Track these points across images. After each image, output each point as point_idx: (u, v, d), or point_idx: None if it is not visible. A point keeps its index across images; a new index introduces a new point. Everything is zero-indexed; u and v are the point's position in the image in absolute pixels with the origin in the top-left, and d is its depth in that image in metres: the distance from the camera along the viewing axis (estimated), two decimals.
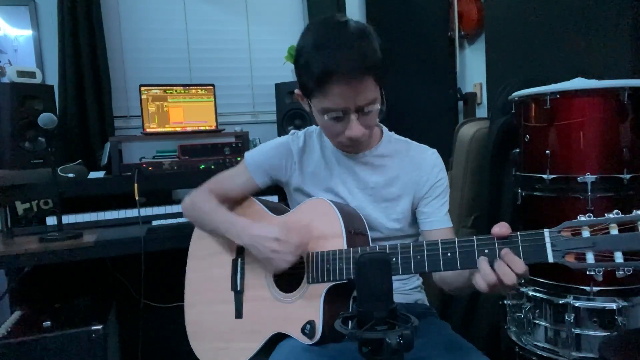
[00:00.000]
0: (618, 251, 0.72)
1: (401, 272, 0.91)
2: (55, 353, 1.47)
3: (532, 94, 1.46)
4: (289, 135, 1.22)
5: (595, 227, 0.74)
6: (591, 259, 0.74)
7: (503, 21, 2.18)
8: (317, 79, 0.94)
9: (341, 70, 0.91)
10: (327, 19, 1.00)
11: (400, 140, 1.19)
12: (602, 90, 1.36)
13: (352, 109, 0.97)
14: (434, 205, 1.12)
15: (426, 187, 1.12)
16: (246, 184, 1.20)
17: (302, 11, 2.71)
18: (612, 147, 1.36)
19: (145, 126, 2.16)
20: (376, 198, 1.14)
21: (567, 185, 1.38)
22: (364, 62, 0.93)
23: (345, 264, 0.97)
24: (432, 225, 1.12)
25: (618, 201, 1.34)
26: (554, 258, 0.76)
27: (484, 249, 0.83)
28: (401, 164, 1.15)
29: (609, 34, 1.64)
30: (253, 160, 1.20)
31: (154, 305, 2.08)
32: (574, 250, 0.75)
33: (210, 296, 1.22)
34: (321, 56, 0.93)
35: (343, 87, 0.94)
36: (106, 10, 2.34)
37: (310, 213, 1.10)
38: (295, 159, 1.18)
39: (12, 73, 1.91)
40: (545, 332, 1.44)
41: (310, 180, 1.17)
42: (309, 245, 1.04)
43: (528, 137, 1.50)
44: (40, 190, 1.80)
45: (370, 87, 0.97)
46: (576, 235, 0.75)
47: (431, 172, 1.13)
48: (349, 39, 0.94)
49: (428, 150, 1.17)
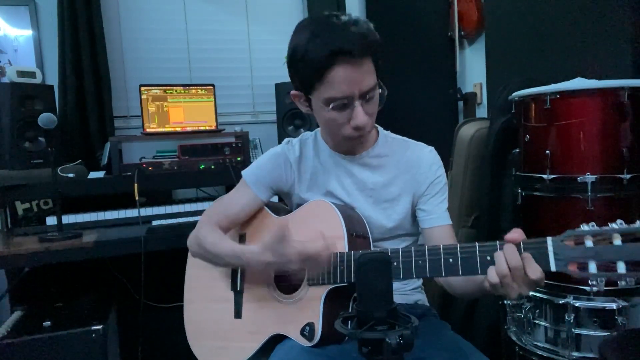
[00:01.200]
0: (621, 261, 0.71)
1: (402, 277, 0.90)
2: (55, 353, 1.47)
3: (532, 94, 1.46)
4: (283, 144, 1.20)
5: (599, 236, 0.74)
6: (594, 269, 0.73)
7: (503, 21, 2.18)
8: (318, 67, 0.94)
9: (343, 48, 0.91)
10: (315, 15, 1.00)
11: (397, 139, 1.19)
12: (602, 90, 1.36)
13: (357, 95, 0.96)
14: (433, 203, 1.12)
15: (425, 184, 1.12)
16: (251, 203, 1.17)
17: (302, 11, 2.71)
18: (612, 147, 1.36)
19: (145, 126, 2.16)
20: (376, 199, 1.13)
21: (567, 185, 1.38)
22: (363, 40, 0.93)
23: (346, 266, 0.97)
24: (432, 222, 1.11)
25: (618, 201, 1.34)
26: (557, 267, 0.76)
27: (487, 256, 0.82)
28: (399, 163, 1.14)
29: (609, 34, 1.64)
30: (253, 176, 1.18)
31: (154, 305, 2.08)
32: (576, 259, 0.75)
33: (210, 295, 1.22)
34: (320, 40, 0.93)
35: (347, 71, 0.93)
36: (106, 10, 2.33)
37: (312, 214, 1.10)
38: (293, 167, 1.17)
39: (12, 73, 1.91)
40: (545, 332, 1.44)
41: (309, 185, 1.17)
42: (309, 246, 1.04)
43: (528, 137, 1.50)
44: (40, 190, 1.80)
45: (370, 70, 0.97)
46: (579, 244, 0.75)
47: (429, 169, 1.13)
48: (346, 23, 0.94)
49: (425, 148, 1.17)
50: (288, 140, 1.21)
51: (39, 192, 1.81)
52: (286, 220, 1.15)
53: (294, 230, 1.08)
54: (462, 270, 0.84)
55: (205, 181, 2.13)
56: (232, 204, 1.18)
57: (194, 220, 1.78)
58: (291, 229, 1.07)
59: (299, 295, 1.04)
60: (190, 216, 1.90)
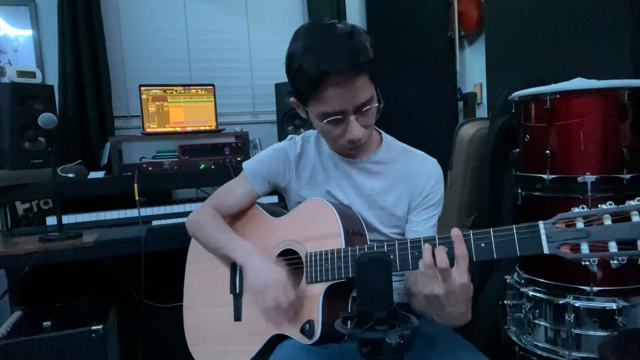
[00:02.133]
0: (612, 241, 0.73)
1: (399, 268, 0.90)
2: (55, 353, 1.47)
3: (532, 94, 1.46)
4: (286, 140, 1.22)
5: (589, 218, 0.75)
6: (586, 250, 0.75)
7: (503, 21, 2.18)
8: (310, 83, 0.93)
9: (334, 69, 0.90)
10: (314, 23, 0.99)
11: (399, 148, 1.17)
12: (602, 90, 1.36)
13: (350, 110, 0.96)
14: (420, 216, 1.11)
15: (419, 197, 1.11)
16: (246, 195, 1.21)
17: (302, 11, 2.71)
18: (612, 147, 1.36)
19: (145, 126, 2.16)
20: (371, 204, 1.13)
21: (567, 185, 1.38)
22: (355, 59, 0.91)
23: (344, 262, 0.97)
24: (415, 234, 1.08)
25: (618, 201, 1.34)
26: (549, 249, 0.77)
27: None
28: (398, 172, 1.13)
29: (609, 34, 1.64)
30: (251, 169, 1.21)
31: (154, 305, 2.08)
32: (568, 241, 0.76)
33: (209, 299, 1.22)
34: (312, 58, 0.92)
35: (338, 89, 0.92)
36: (106, 10, 2.33)
37: (308, 213, 1.10)
38: (292, 165, 1.18)
39: (12, 73, 1.91)
40: (545, 332, 1.44)
41: (308, 184, 1.17)
42: (308, 245, 1.05)
43: (528, 137, 1.50)
44: (40, 190, 1.80)
45: (365, 86, 0.96)
46: (570, 226, 0.76)
47: (427, 182, 1.11)
48: (338, 38, 0.92)
49: (427, 159, 1.15)
50: (291, 137, 1.22)
51: (39, 192, 1.81)
52: (283, 221, 1.15)
53: (291, 230, 1.10)
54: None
55: (205, 181, 2.12)
56: (229, 193, 1.23)
57: None
58: (288, 229, 1.10)
59: (298, 293, 1.04)
60: None
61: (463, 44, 2.72)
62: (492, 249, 0.82)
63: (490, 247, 0.82)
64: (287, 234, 1.12)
